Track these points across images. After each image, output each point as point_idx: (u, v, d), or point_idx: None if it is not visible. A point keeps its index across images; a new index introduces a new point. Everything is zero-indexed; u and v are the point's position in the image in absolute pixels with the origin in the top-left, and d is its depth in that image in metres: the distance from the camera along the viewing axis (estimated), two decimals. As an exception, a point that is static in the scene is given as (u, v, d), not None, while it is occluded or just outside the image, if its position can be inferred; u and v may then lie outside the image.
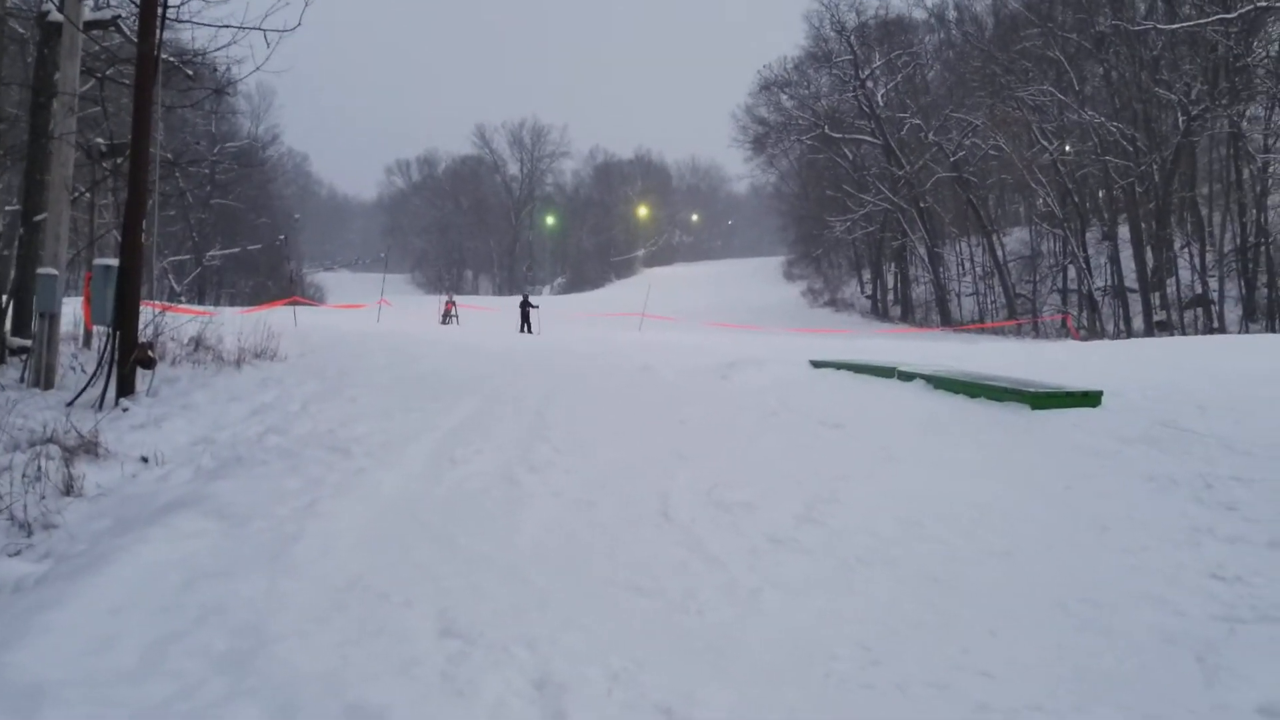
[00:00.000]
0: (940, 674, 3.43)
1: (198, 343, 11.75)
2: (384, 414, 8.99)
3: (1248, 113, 33.02)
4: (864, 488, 6.61)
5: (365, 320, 26.64)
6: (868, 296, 54.22)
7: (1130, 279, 36.21)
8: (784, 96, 53.02)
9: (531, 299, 32.07)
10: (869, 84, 46.62)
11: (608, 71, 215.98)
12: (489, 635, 3.84)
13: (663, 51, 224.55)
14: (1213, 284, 34.07)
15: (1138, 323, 34.93)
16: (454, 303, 35.47)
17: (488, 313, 41.67)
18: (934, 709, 3.18)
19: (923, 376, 11.68)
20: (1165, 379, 12.53)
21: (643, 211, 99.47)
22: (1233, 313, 33.11)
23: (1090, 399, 9.76)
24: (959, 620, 3.98)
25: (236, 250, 53.93)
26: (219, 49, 14.73)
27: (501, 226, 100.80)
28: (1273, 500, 6.19)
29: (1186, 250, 35.54)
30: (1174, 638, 3.70)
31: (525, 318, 30.66)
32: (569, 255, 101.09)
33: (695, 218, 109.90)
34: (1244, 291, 32.91)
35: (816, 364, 13.88)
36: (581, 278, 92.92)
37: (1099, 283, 37.65)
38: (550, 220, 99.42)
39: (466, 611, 4.11)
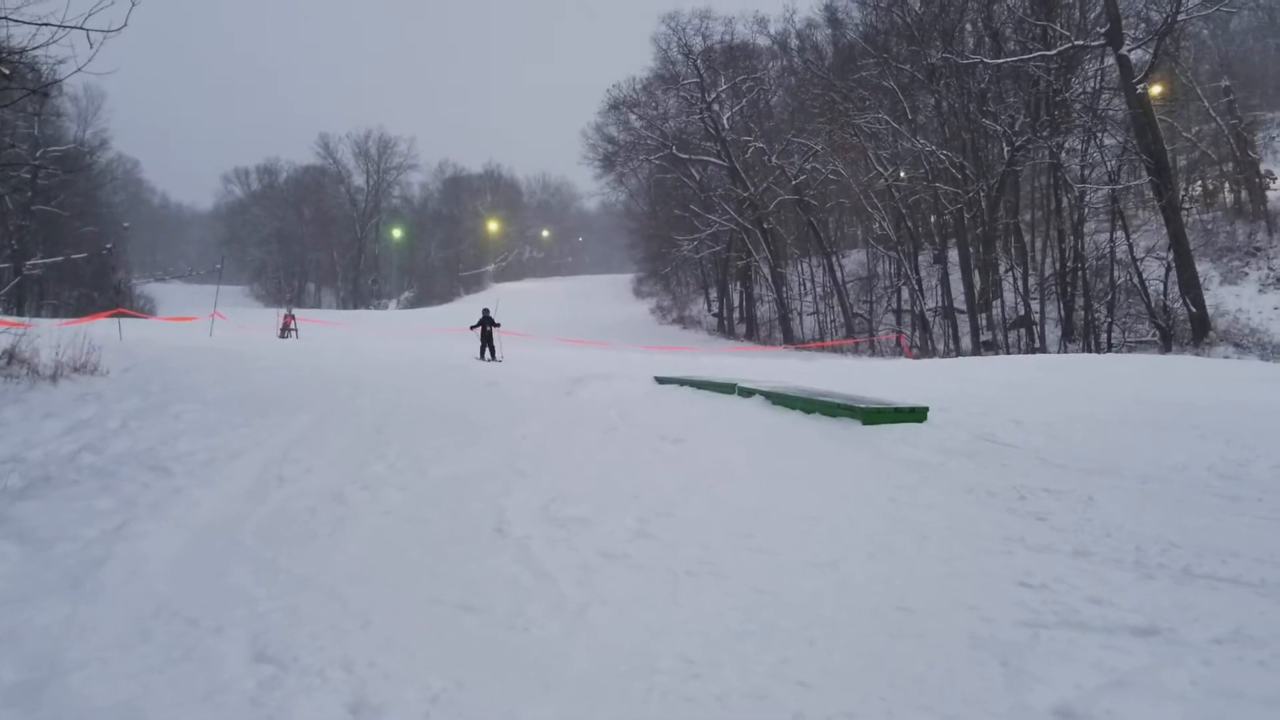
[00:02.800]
0: (759, 684, 3.47)
1: (10, 355, 10.95)
2: (210, 431, 8.57)
3: (1066, 144, 35.31)
4: (699, 501, 6.67)
5: (198, 334, 25.43)
6: (714, 314, 55.28)
7: (959, 300, 38.08)
8: (633, 116, 53.70)
9: (493, 314, 24.39)
10: (715, 107, 47.67)
11: (457, 85, 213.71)
12: (304, 659, 3.68)
13: (513, 66, 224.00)
14: (1035, 306, 36.18)
15: (966, 342, 36.75)
16: (293, 316, 34.30)
17: (331, 327, 40.46)
18: (751, 719, 3.21)
19: (761, 393, 11.95)
20: (988, 396, 13.20)
21: (493, 226, 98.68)
22: (1053, 333, 35.22)
23: (917, 414, 10.18)
24: (781, 630, 4.05)
25: (59, 259, 50.64)
26: (38, 48, 13.84)
27: (346, 239, 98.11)
28: (1079, 511, 6.57)
29: (1011, 274, 37.63)
30: (982, 643, 3.86)
31: (487, 340, 23.31)
32: (416, 269, 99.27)
33: (546, 233, 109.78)
34: (1063, 313, 35.06)
35: (660, 380, 14.03)
36: (429, 292, 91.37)
37: (930, 303, 39.43)
38: (397, 233, 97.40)
39: (282, 635, 3.93)
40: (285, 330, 32.84)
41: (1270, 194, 37.55)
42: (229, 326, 32.18)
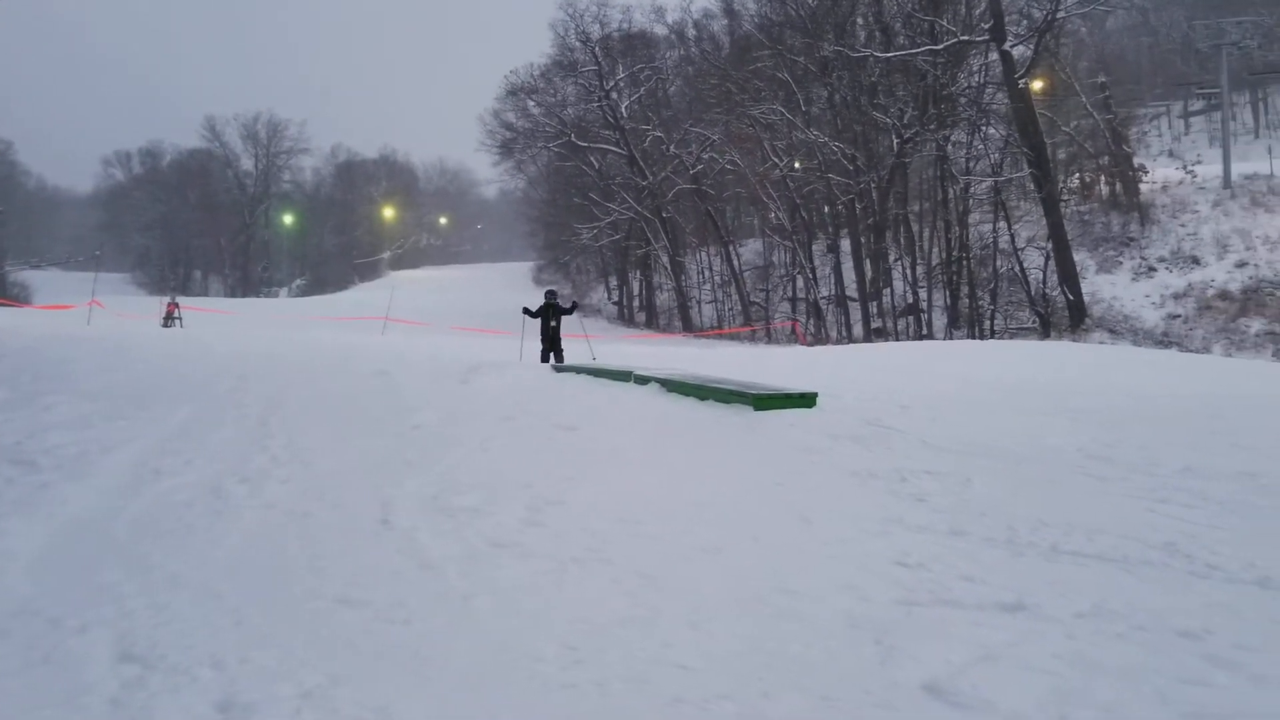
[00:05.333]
0: (640, 669, 3.49)
1: None
2: (83, 423, 8.24)
3: (952, 137, 36.34)
4: (591, 489, 6.67)
5: (74, 323, 24.35)
6: (614, 303, 55.38)
7: (852, 289, 38.91)
8: (531, 103, 53.27)
9: (560, 299, 18.21)
10: (613, 95, 47.64)
11: (351, 67, 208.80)
12: (172, 658, 3.55)
13: (409, 49, 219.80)
14: (923, 294, 37.18)
15: (858, 329, 37.56)
16: (177, 304, 33.10)
17: (218, 315, 39.22)
18: (630, 704, 3.23)
19: (657, 380, 12.02)
20: (876, 381, 13.53)
21: (388, 213, 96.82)
22: (940, 320, 36.26)
23: (807, 400, 10.37)
24: (664, 615, 4.08)
25: (-79, 245, 47.94)
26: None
27: (234, 225, 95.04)
28: (957, 492, 6.78)
29: (900, 263, 38.59)
30: (858, 622, 3.95)
31: (551, 337, 16.74)
32: (309, 256, 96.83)
33: (444, 220, 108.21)
34: (949, 301, 36.13)
35: (557, 368, 14.01)
36: (323, 280, 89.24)
37: (824, 292, 40.18)
38: (288, 219, 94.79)
39: (149, 634, 3.80)
40: (168, 319, 31.67)
41: (1143, 187, 39.30)
42: (108, 315, 30.93)
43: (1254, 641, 3.79)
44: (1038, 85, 34.64)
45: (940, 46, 34.33)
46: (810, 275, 40.15)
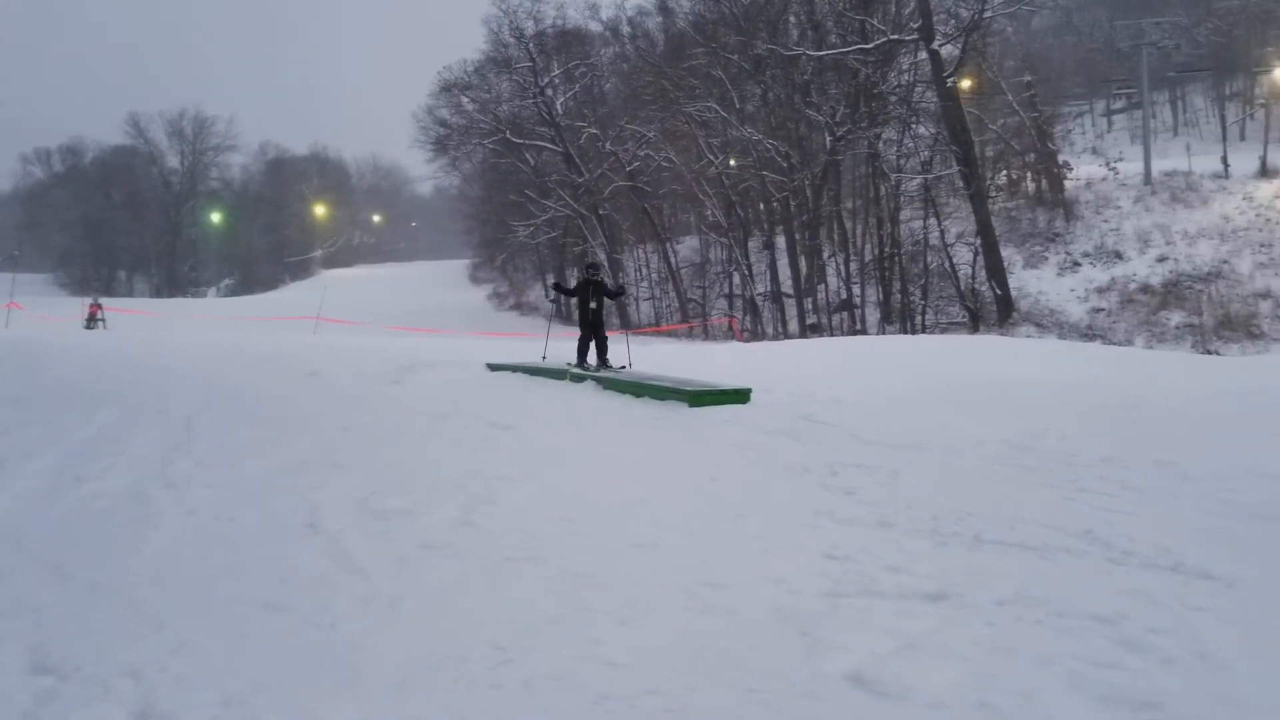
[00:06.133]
0: (568, 667, 3.50)
1: None
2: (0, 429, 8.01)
3: (883, 135, 36.86)
4: (525, 488, 6.65)
5: (-10, 325, 23.62)
6: (552, 300, 55.14)
7: (787, 285, 39.27)
8: (465, 99, 52.81)
9: (604, 274, 16.64)
10: (548, 92, 47.45)
11: (280, 62, 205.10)
12: (88, 669, 3.47)
13: (340, 45, 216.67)
14: (856, 290, 37.67)
15: (794, 325, 37.93)
16: (100, 305, 32.27)
17: (144, 316, 38.29)
18: (557, 703, 3.23)
19: (593, 378, 12.05)
20: (810, 377, 13.67)
21: (320, 210, 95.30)
22: (873, 315, 36.77)
23: (741, 396, 10.47)
24: (595, 613, 4.09)
25: None
26: None
27: (160, 223, 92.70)
28: (885, 485, 6.89)
29: (834, 259, 39.04)
30: (786, 614, 3.99)
31: (592, 323, 13.45)
32: (238, 255, 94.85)
33: (377, 218, 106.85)
34: (881, 297, 36.65)
35: (493, 367, 13.93)
36: (252, 279, 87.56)
37: (760, 288, 40.49)
38: (216, 217, 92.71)
39: (65, 645, 3.70)
40: (92, 320, 30.86)
41: (1067, 184, 40.25)
42: (28, 318, 30.04)
43: (1165, 625, 3.91)
44: (966, 84, 35.30)
45: (871, 45, 34.79)
46: (746, 272, 40.44)
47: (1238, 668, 3.49)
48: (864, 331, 35.32)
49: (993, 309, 32.68)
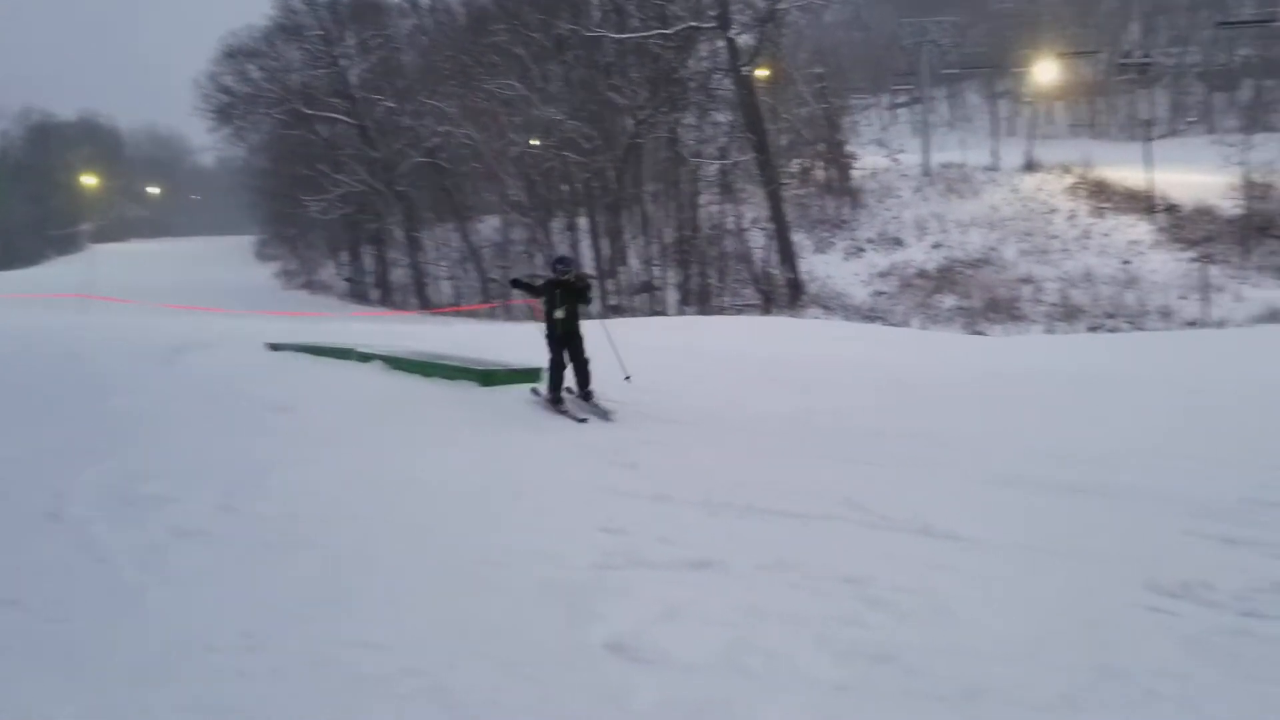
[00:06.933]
0: (324, 651, 3.38)
1: None
2: None
3: (683, 121, 37.51)
4: (298, 471, 6.40)
5: None
6: (346, 279, 53.31)
7: (589, 266, 39.45)
8: (252, 67, 50.05)
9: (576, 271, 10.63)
10: (342, 62, 45.69)
11: (44, 21, 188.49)
12: None
13: (115, 3, 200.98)
14: (657, 272, 38.27)
15: (595, 306, 38.20)
16: None
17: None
18: (308, 688, 3.12)
19: (381, 358, 11.72)
20: (605, 356, 13.80)
21: (90, 181, 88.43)
22: (672, 297, 37.47)
23: (534, 375, 10.44)
24: (361, 595, 3.97)
25: None
26: None
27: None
28: (668, 459, 7.04)
29: (636, 241, 39.50)
30: (553, 588, 4.00)
31: (561, 336, 9.61)
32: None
33: (155, 190, 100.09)
34: (681, 279, 37.40)
35: (275, 347, 13.37)
36: (12, 254, 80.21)
37: (562, 269, 40.48)
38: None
39: None
40: None
41: (854, 173, 42.26)
42: None
43: (909, 584, 4.16)
44: (761, 73, 36.36)
45: (670, 31, 35.27)
46: (549, 253, 40.36)
47: (970, 620, 3.75)
48: (664, 312, 35.97)
49: (784, 291, 33.95)
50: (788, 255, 33.73)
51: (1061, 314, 28.84)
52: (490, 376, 10.25)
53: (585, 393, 9.22)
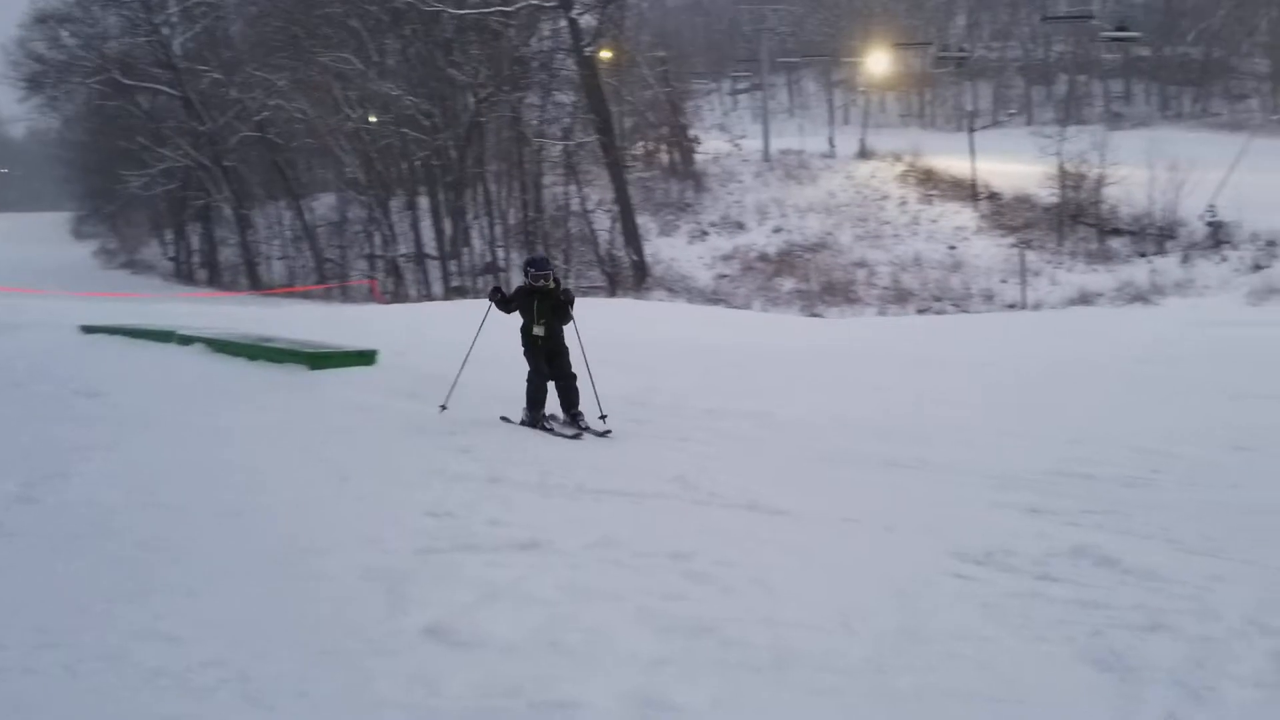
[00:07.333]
0: (120, 645, 3.19)
1: None
2: None
3: (526, 100, 37.15)
4: (106, 458, 6.05)
5: None
6: (170, 258, 50.62)
7: (431, 247, 38.71)
8: (65, 33, 46.75)
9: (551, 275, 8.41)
10: (164, 30, 43.21)
11: None
12: None
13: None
14: (501, 253, 37.89)
15: (438, 288, 37.51)
16: None
17: None
18: (100, 684, 2.93)
19: (203, 340, 11.20)
20: (445, 338, 13.57)
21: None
22: (518, 278, 37.18)
23: (366, 358, 10.17)
24: (167, 586, 3.77)
25: None
26: None
27: None
28: (502, 441, 6.98)
29: (479, 222, 38.98)
30: (374, 574, 3.89)
31: (548, 352, 8.11)
32: None
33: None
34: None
35: (88, 329, 12.62)
36: None
37: (402, 249, 39.62)
38: None
39: None
40: None
41: (698, 157, 42.86)
42: None
43: (733, 557, 4.25)
44: (604, 55, 36.37)
45: (511, 9, 34.85)
46: (388, 232, 39.39)
47: (787, 592, 3.85)
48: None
49: (629, 274, 34.17)
50: (633, 238, 33.96)
51: (893, 297, 30.05)
52: (320, 359, 9.92)
53: (573, 415, 7.87)
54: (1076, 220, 32.76)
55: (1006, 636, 3.51)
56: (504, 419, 7.94)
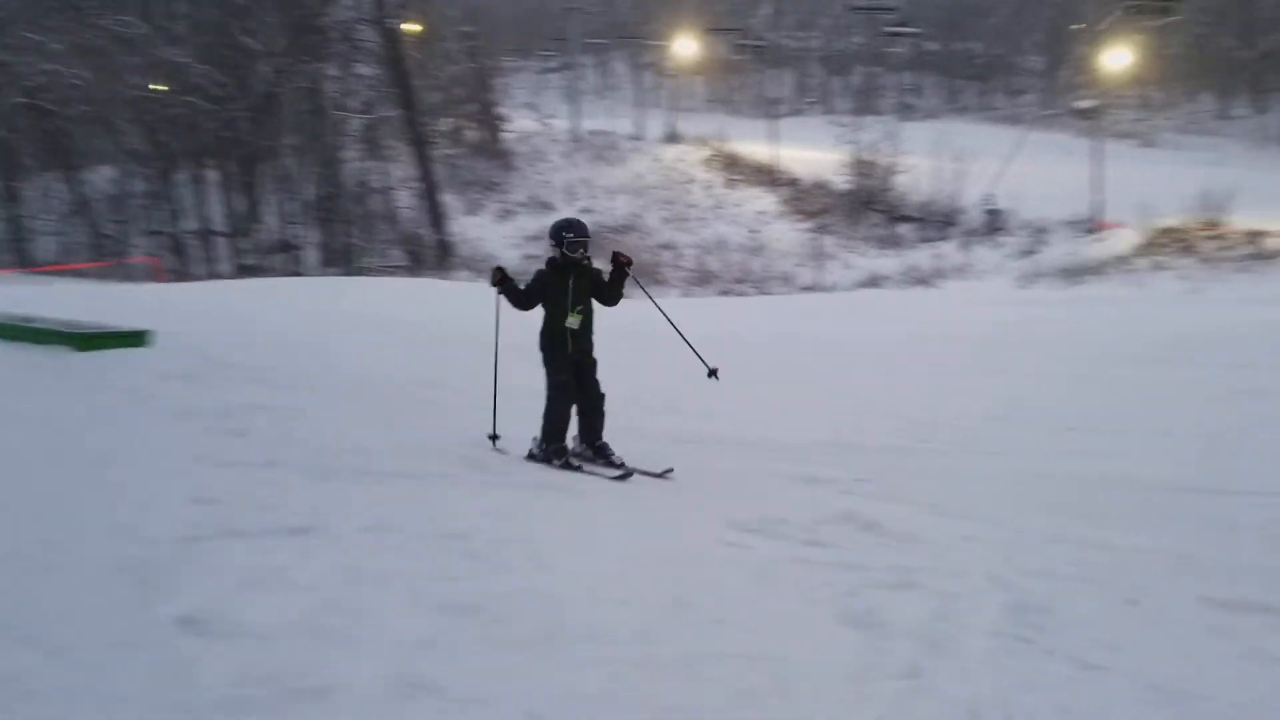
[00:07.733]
0: None
1: None
2: None
3: (326, 71, 35.73)
4: None
5: None
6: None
7: (220, 223, 36.75)
8: None
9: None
10: (-85, -20, 39.14)
11: None
12: None
13: None
14: (298, 230, 36.39)
15: (227, 266, 35.68)
16: None
17: None
18: None
19: (-56, 321, 10.23)
20: (227, 317, 12.96)
21: None
22: (314, 257, 35.82)
23: (138, 339, 9.57)
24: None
25: None
26: None
27: None
28: (282, 424, 6.69)
29: (274, 197, 37.29)
30: (127, 566, 3.64)
31: (577, 355, 6.50)
32: None
33: None
34: (323, 238, 35.82)
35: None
36: None
37: (188, 225, 37.44)
38: None
39: None
40: None
41: (505, 135, 42.46)
42: None
43: (510, 535, 4.24)
44: (409, 27, 35.42)
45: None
46: (173, 207, 37.13)
47: (562, 567, 3.88)
48: (303, 273, 34.31)
49: (433, 253, 33.54)
50: (437, 216, 33.36)
51: (697, 279, 30.75)
52: (87, 340, 9.25)
53: (596, 443, 6.19)
54: (869, 207, 34.45)
55: (773, 600, 3.66)
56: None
